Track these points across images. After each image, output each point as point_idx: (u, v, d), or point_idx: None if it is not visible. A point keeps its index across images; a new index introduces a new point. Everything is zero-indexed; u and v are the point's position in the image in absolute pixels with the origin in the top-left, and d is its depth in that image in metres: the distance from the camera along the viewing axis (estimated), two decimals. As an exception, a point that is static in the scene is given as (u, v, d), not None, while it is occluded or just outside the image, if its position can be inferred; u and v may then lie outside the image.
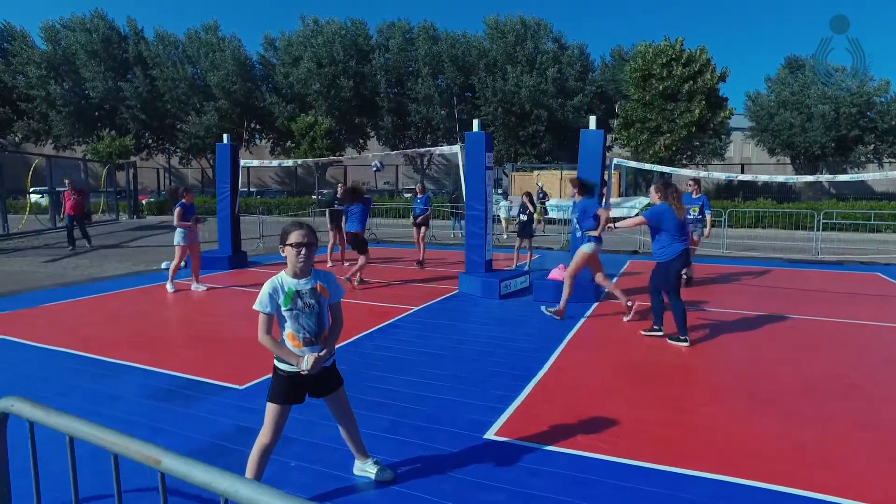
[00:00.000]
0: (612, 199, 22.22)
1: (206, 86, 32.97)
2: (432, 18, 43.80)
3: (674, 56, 19.83)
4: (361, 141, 38.34)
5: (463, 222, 17.69)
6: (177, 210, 8.28)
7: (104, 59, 33.07)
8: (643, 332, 6.09)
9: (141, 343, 5.58)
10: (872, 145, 39.21)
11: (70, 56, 33.43)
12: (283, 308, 2.62)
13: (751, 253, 13.53)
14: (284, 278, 2.66)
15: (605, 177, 8.22)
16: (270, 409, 2.70)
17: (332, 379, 2.85)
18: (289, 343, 2.68)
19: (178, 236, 8.33)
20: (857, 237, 17.12)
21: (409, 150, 8.86)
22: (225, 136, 10.59)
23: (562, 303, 6.80)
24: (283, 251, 2.65)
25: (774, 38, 69.13)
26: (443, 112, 37.74)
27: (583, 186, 6.94)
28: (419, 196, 11.32)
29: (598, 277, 7.18)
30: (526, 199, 10.59)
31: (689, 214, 8.76)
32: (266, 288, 2.61)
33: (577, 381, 4.68)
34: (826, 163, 42.54)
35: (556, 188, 23.15)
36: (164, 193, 28.43)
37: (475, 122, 8.40)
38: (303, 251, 2.62)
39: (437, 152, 9.01)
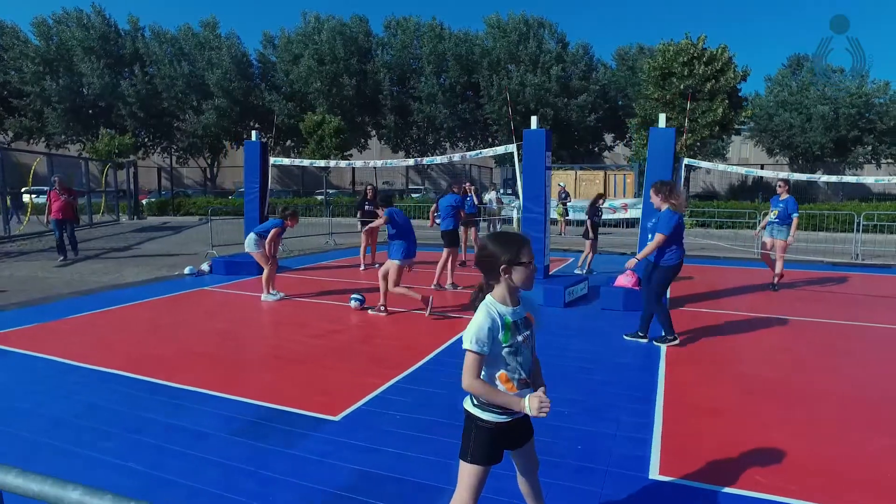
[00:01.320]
0: (628, 201, 21.87)
1: (204, 84, 32.11)
2: (432, 15, 43.18)
3: (695, 54, 19.43)
4: (363, 140, 37.67)
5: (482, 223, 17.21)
6: (275, 230, 7.66)
7: (101, 56, 32.10)
8: (626, 336, 5.94)
9: (197, 363, 4.97)
10: (871, 146, 39.26)
11: (65, 52, 32.42)
12: (503, 344, 2.06)
13: (795, 256, 13.11)
14: (498, 307, 2.09)
15: (675, 178, 7.73)
16: (470, 473, 2.13)
17: (529, 426, 2.30)
18: (501, 387, 2.11)
19: (257, 243, 7.71)
20: (886, 238, 16.81)
21: (459, 153, 8.24)
22: (253, 132, 9.95)
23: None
24: (506, 273, 2.07)
25: (773, 38, 69.42)
26: (446, 111, 37.17)
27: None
28: (466, 195, 10.70)
29: None
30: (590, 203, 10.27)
31: (770, 218, 8.32)
32: (483, 322, 2.03)
33: (703, 401, 4.19)
34: (825, 163, 42.60)
35: (570, 189, 22.67)
36: (165, 193, 27.55)
37: (533, 119, 7.86)
38: (534, 271, 2.08)
39: (490, 153, 8.48)
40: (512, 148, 7.93)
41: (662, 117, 7.40)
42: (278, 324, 6.50)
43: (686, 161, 7.99)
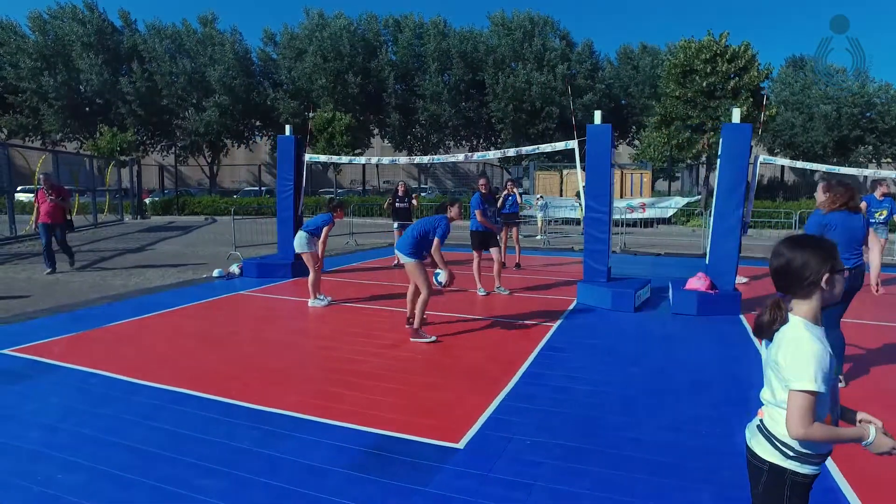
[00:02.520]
0: (646, 200, 21.48)
1: (205, 80, 31.39)
2: (435, 12, 42.71)
3: (718, 51, 19.05)
4: (367, 139, 37.11)
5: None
6: (327, 227, 7.19)
7: (99, 52, 31.29)
8: None
9: (268, 379, 4.47)
10: (872, 146, 39.24)
11: (62, 47, 31.59)
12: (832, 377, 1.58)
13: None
14: (815, 329, 1.62)
15: (750, 176, 7.30)
16: None
17: None
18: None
19: (309, 242, 7.11)
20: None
21: (514, 149, 7.82)
22: (287, 127, 9.41)
23: None
24: (828, 284, 1.60)
25: (775, 37, 69.44)
26: (451, 109, 36.69)
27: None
28: (510, 194, 10.28)
29: None
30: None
31: (873, 218, 7.91)
32: (821, 352, 1.55)
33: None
34: (826, 163, 42.55)
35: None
36: (169, 192, 26.84)
37: (597, 114, 7.40)
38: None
39: (550, 149, 8.03)
40: (573, 144, 7.47)
41: (737, 112, 6.96)
42: (339, 332, 5.99)
43: (763, 158, 7.56)
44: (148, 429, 3.52)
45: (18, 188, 19.63)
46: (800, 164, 9.23)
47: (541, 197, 17.90)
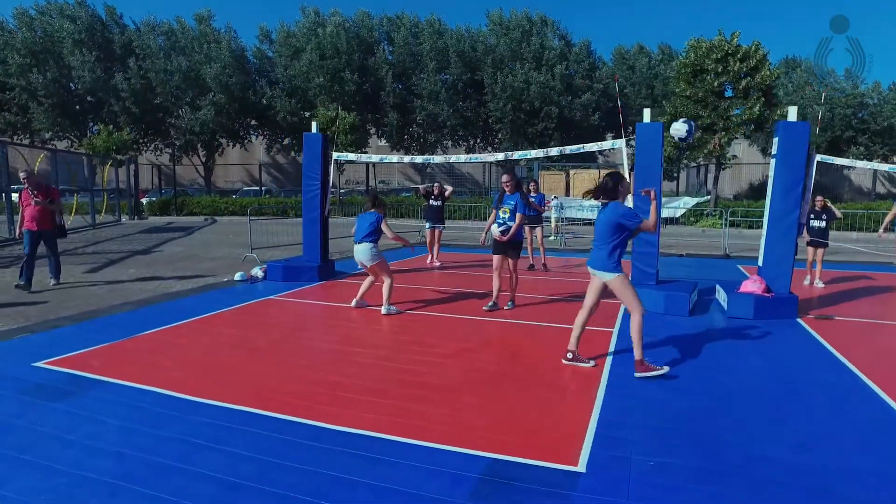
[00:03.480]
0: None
1: (200, 78, 30.74)
2: (430, 12, 42.34)
3: (729, 51, 18.91)
4: (365, 139, 36.62)
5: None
6: (385, 223, 6.73)
7: (92, 48, 30.50)
8: None
9: (336, 395, 4.12)
10: (864, 146, 39.62)
11: (51, 44, 30.77)
12: None
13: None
14: None
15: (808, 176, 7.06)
16: None
17: None
18: None
19: (374, 252, 6.67)
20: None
21: (557, 149, 7.52)
22: (313, 124, 9.03)
23: None
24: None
25: (770, 38, 69.91)
26: (449, 109, 36.37)
27: None
28: (534, 194, 10.00)
29: None
30: (820, 204, 8.77)
31: None
32: None
33: None
34: (819, 164, 42.87)
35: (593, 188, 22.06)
36: (166, 192, 26.18)
37: (647, 112, 7.12)
38: None
39: (597, 149, 7.74)
40: (620, 143, 7.20)
41: (793, 110, 6.69)
42: (390, 341, 5.64)
43: (819, 157, 7.33)
44: (226, 455, 3.16)
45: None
46: (860, 164, 9.02)
47: (555, 197, 17.63)
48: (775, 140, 6.77)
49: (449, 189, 11.07)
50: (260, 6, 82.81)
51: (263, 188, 28.46)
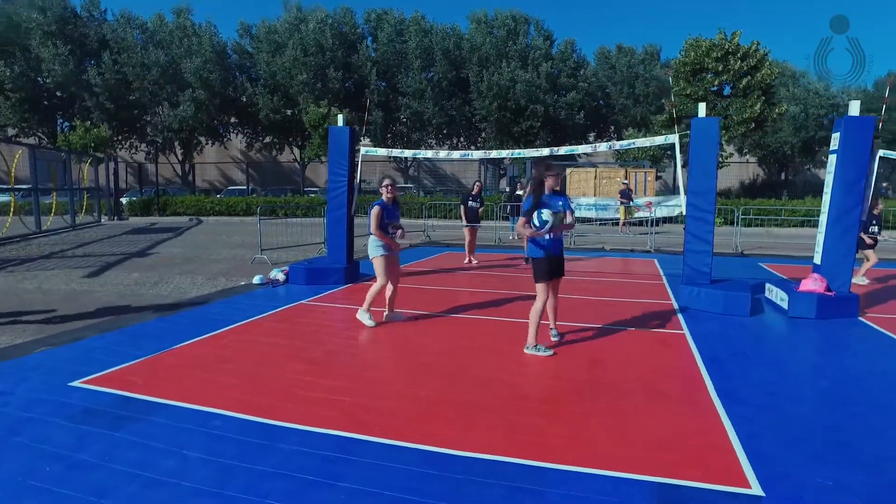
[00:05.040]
0: (652, 199, 21.25)
1: (179, 74, 29.61)
2: (413, 9, 41.61)
3: (730, 49, 18.95)
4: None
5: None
6: (374, 210, 5.79)
7: (63, 41, 29.06)
8: None
9: (430, 411, 3.68)
10: (836, 145, 40.60)
11: (17, 36, 29.21)
12: None
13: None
14: None
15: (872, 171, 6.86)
16: None
17: None
18: None
19: (375, 246, 5.92)
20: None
21: (610, 141, 7.18)
22: (339, 117, 8.49)
23: None
24: None
25: (749, 38, 71.02)
26: (434, 108, 35.92)
27: None
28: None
29: None
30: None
31: None
32: None
33: None
34: (794, 163, 43.91)
35: (590, 187, 21.94)
36: (147, 191, 25.05)
37: (701, 107, 6.84)
38: None
39: (648, 143, 7.42)
40: (673, 138, 6.90)
41: (855, 104, 6.41)
42: (460, 349, 5.19)
43: (881, 153, 7.15)
44: (351, 494, 2.69)
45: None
46: None
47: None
48: (835, 135, 6.55)
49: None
50: (238, 1, 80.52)
51: (250, 187, 27.46)
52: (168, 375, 4.33)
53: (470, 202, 10.22)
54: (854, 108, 6.50)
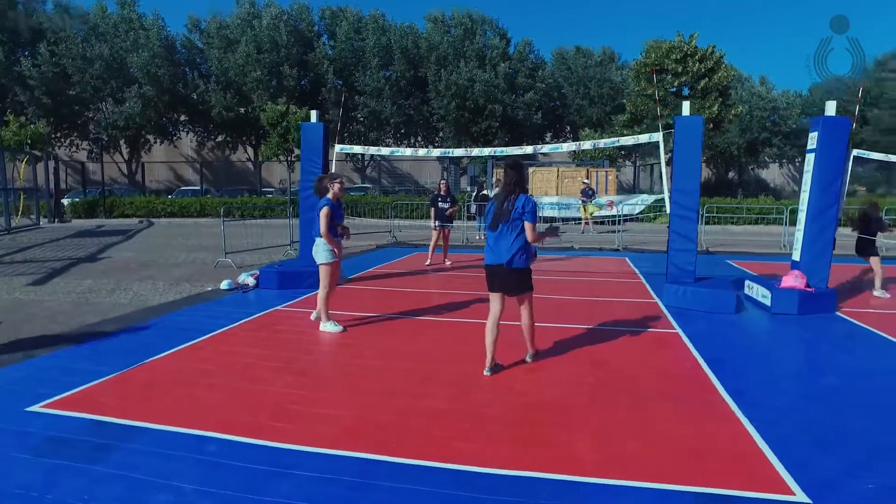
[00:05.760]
0: (613, 198, 21.61)
1: (125, 68, 28.07)
2: (370, 7, 40.66)
3: (688, 52, 19.44)
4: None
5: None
6: (324, 210, 5.45)
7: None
8: None
9: (448, 426, 3.43)
10: (777, 147, 42.67)
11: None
12: None
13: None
14: None
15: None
16: None
17: None
18: None
19: (326, 251, 5.60)
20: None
21: (603, 140, 7.09)
22: (313, 112, 8.08)
23: None
24: None
25: (703, 41, 73.24)
26: (393, 107, 35.50)
27: None
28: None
29: None
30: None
31: None
32: None
33: None
34: (739, 163, 45.82)
35: (553, 186, 22.08)
36: (92, 191, 23.57)
37: (685, 105, 6.83)
38: None
39: (633, 142, 7.35)
40: (657, 137, 6.87)
41: (831, 105, 6.63)
42: (458, 355, 4.94)
43: (856, 152, 7.33)
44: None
45: None
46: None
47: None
48: (813, 135, 6.67)
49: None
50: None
51: (204, 187, 26.33)
52: (144, 394, 3.91)
53: (440, 203, 9.95)
54: (830, 109, 6.63)
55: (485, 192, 17.02)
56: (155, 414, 3.53)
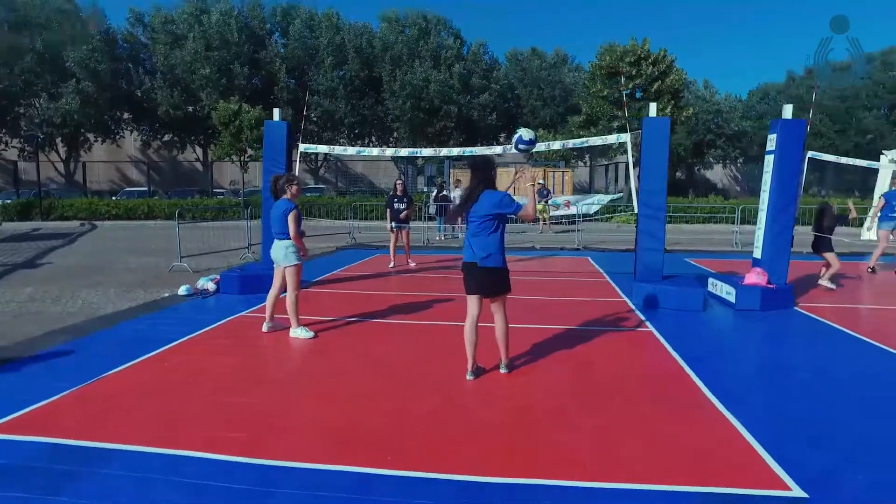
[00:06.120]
0: (570, 197, 21.98)
1: (61, 61, 26.50)
2: (330, 6, 39.79)
3: (642, 55, 19.98)
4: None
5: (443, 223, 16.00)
6: (294, 212, 5.32)
7: None
8: None
9: (449, 434, 3.32)
10: (721, 149, 44.58)
11: None
12: None
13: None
14: None
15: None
16: None
17: None
18: None
19: (292, 253, 5.43)
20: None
21: (561, 142, 7.08)
22: (276, 111, 7.77)
23: None
24: None
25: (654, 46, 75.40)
26: (347, 107, 34.99)
27: None
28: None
29: None
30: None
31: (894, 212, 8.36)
32: None
33: None
34: (687, 164, 47.59)
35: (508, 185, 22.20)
36: (26, 193, 22.06)
37: (652, 106, 6.95)
38: None
39: (600, 142, 7.40)
40: (625, 137, 6.97)
41: (788, 108, 6.88)
42: (436, 359, 4.82)
43: (810, 154, 7.61)
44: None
45: None
46: (844, 161, 9.56)
47: (456, 187, 17.48)
48: (772, 137, 6.91)
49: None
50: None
51: (151, 188, 25.13)
52: (108, 411, 3.61)
53: (395, 203, 9.68)
54: (787, 112, 6.88)
55: (444, 192, 16.96)
56: (123, 433, 3.26)
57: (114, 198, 23.94)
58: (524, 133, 4.87)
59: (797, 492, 2.68)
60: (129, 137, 33.40)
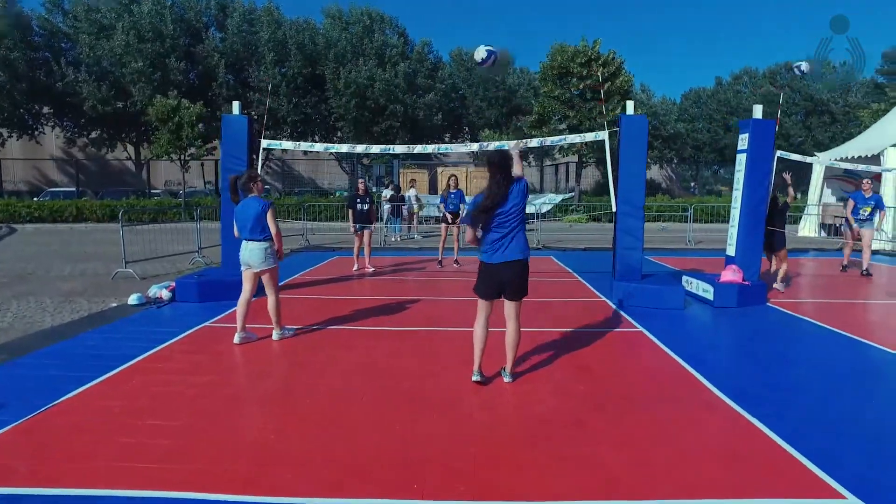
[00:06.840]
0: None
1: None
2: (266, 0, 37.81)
3: (592, 56, 20.27)
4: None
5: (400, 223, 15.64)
6: (273, 209, 4.98)
7: None
8: None
9: (470, 452, 3.03)
10: (658, 150, 46.42)
11: None
12: None
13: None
14: None
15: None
16: None
17: None
18: None
19: (271, 255, 5.07)
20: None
21: (538, 140, 6.84)
22: (235, 104, 7.17)
23: None
24: None
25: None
26: (290, 105, 33.86)
27: None
28: (452, 191, 9.99)
29: None
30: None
31: (860, 215, 8.64)
32: None
33: None
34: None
35: (462, 186, 22.07)
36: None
37: (629, 104, 6.88)
38: None
39: (578, 139, 7.24)
40: (603, 135, 6.87)
41: (758, 108, 6.99)
42: (436, 368, 4.50)
43: (779, 153, 7.77)
44: None
45: None
46: (810, 160, 9.83)
47: (412, 188, 17.26)
48: (743, 136, 7.00)
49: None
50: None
51: (79, 189, 23.25)
52: (67, 447, 3.08)
53: (358, 204, 9.31)
54: (758, 112, 6.99)
55: (401, 193, 16.61)
56: (89, 475, 2.77)
57: (35, 199, 22.02)
58: (476, 54, 5.01)
59: (854, 500, 2.56)
60: (51, 134, 30.92)
